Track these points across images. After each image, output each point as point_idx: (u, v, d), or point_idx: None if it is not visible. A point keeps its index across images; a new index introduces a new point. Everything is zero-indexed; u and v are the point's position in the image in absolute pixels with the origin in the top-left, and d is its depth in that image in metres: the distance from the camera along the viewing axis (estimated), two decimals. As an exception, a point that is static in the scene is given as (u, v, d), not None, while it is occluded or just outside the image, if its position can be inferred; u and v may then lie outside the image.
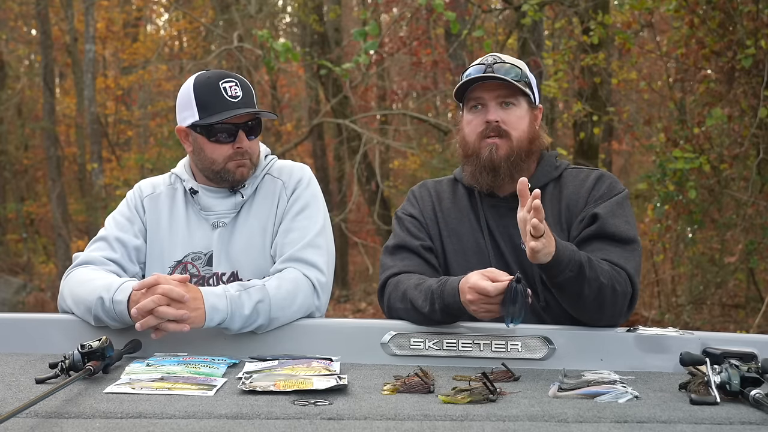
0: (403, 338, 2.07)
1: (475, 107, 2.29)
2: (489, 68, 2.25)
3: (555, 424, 1.52)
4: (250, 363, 1.96)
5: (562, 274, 2.00)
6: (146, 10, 18.64)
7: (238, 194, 2.36)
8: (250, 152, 2.32)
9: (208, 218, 2.36)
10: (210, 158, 2.32)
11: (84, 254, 2.33)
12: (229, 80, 2.29)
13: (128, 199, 2.44)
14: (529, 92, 2.28)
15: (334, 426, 1.49)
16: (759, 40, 6.21)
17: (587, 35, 7.90)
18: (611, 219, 2.19)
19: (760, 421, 1.52)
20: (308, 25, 12.24)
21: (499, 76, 2.23)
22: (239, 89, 2.28)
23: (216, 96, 2.27)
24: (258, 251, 2.32)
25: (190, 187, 2.38)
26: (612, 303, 2.08)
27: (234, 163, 2.30)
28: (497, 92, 2.26)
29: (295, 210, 2.34)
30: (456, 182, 2.42)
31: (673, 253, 8.24)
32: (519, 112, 2.27)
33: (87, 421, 1.51)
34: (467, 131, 2.31)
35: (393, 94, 13.92)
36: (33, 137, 17.12)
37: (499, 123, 2.24)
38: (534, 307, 2.21)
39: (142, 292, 2.03)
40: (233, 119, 2.27)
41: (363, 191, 11.61)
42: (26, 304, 12.96)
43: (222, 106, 2.26)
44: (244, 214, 2.36)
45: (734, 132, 6.90)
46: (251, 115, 2.30)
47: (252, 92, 2.34)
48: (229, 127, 2.28)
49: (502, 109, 2.26)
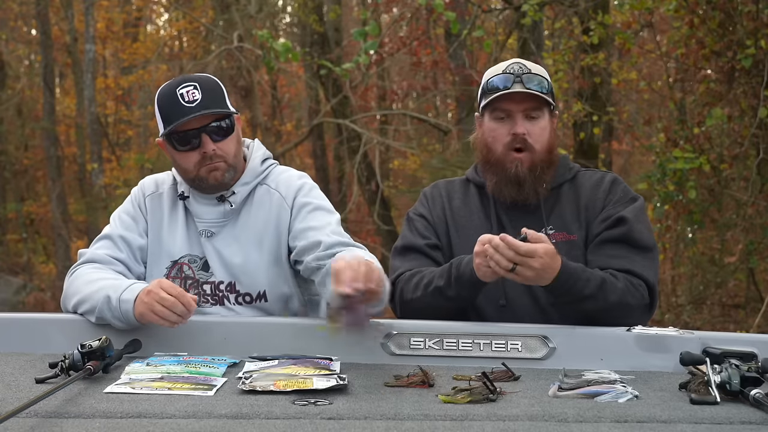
0: (403, 338, 2.07)
1: (501, 117, 2.28)
2: (517, 78, 2.24)
3: (555, 423, 1.52)
4: (250, 363, 1.96)
5: (561, 298, 2.11)
6: (146, 10, 18.65)
7: (227, 203, 2.30)
8: (221, 154, 2.23)
9: (198, 225, 2.33)
10: (183, 167, 2.27)
11: (89, 252, 2.31)
12: (187, 85, 2.21)
13: (132, 197, 2.41)
14: (552, 101, 2.30)
15: (334, 426, 1.49)
16: (759, 40, 6.21)
17: (587, 35, 7.90)
18: (637, 224, 2.23)
19: (760, 421, 1.52)
20: (308, 25, 12.23)
21: (529, 91, 2.22)
22: (198, 93, 2.19)
23: (173, 104, 2.20)
24: (255, 264, 2.29)
25: (181, 192, 2.34)
26: (623, 316, 2.12)
27: (205, 168, 2.23)
28: (525, 104, 2.26)
29: (304, 213, 2.29)
30: (468, 182, 2.44)
31: (673, 253, 8.24)
32: (543, 123, 2.28)
33: (87, 421, 1.51)
34: (491, 140, 2.31)
35: (393, 94, 13.93)
36: (33, 137, 17.11)
37: (525, 135, 2.25)
38: (539, 302, 2.23)
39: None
40: (192, 123, 2.19)
41: (363, 191, 11.60)
42: (26, 304, 12.97)
43: (179, 113, 2.18)
44: (236, 225, 2.32)
45: (734, 132, 6.89)
46: (213, 117, 2.21)
47: (216, 93, 2.25)
48: (192, 133, 2.20)
49: (528, 121, 2.26)
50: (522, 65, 2.28)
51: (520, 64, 2.28)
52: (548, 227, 2.29)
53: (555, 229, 2.30)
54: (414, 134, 13.39)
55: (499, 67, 2.32)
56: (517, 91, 2.23)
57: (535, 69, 2.29)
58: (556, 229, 2.30)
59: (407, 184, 13.97)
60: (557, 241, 2.25)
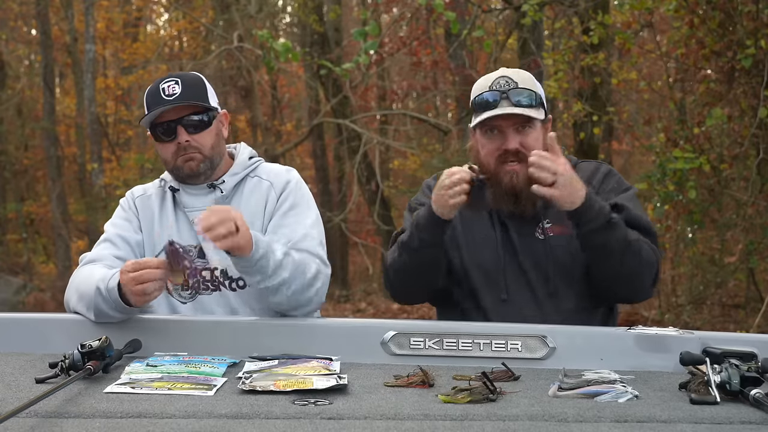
0: (403, 338, 2.07)
1: (491, 131, 2.29)
2: (503, 95, 2.24)
3: (555, 423, 1.52)
4: (250, 363, 1.96)
5: (590, 223, 2.13)
6: (146, 10, 18.65)
7: (217, 189, 2.39)
8: (196, 145, 2.34)
9: (189, 215, 2.39)
10: (163, 158, 2.41)
11: (90, 254, 2.38)
12: (169, 80, 2.34)
13: (122, 203, 2.52)
14: (543, 112, 2.29)
15: (334, 426, 1.49)
16: (759, 40, 6.21)
17: (587, 35, 7.90)
18: (633, 210, 2.27)
19: (760, 420, 1.52)
20: (308, 25, 12.24)
21: (516, 110, 2.22)
22: (178, 87, 2.31)
23: (154, 97, 2.34)
24: None
25: (170, 186, 2.43)
26: (638, 264, 2.16)
27: (181, 158, 2.35)
28: (513, 120, 2.26)
29: (285, 208, 2.37)
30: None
31: (673, 253, 8.24)
32: (535, 133, 2.28)
33: (87, 421, 1.51)
34: (483, 153, 2.31)
35: (393, 94, 13.93)
36: (33, 137, 17.11)
37: (519, 148, 2.25)
38: (538, 295, 2.24)
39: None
40: (169, 115, 2.32)
41: (363, 191, 11.61)
42: (26, 304, 12.97)
43: (157, 104, 2.32)
44: None
45: (734, 132, 6.90)
46: (190, 109, 2.33)
47: (196, 88, 2.36)
48: (169, 125, 2.33)
49: (519, 133, 2.26)
50: (508, 79, 2.26)
51: (507, 79, 2.26)
52: (545, 221, 2.32)
53: (552, 223, 2.31)
54: (414, 134, 13.39)
55: (486, 81, 2.30)
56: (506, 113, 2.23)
57: (522, 82, 2.27)
58: (554, 223, 2.30)
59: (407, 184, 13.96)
60: (555, 234, 2.27)
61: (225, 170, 2.44)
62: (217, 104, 2.44)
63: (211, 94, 2.41)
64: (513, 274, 2.30)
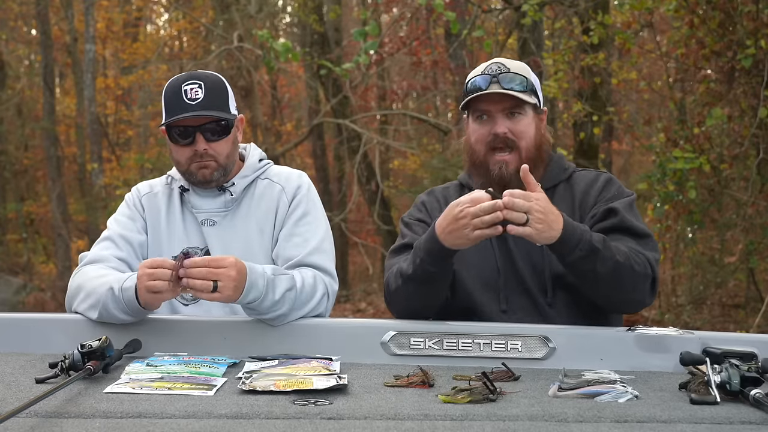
0: (403, 338, 2.07)
1: (481, 117, 2.26)
2: (494, 78, 2.22)
3: (555, 423, 1.51)
4: (250, 363, 1.96)
5: (572, 254, 2.03)
6: (146, 10, 18.65)
7: (227, 192, 2.37)
8: (213, 154, 2.31)
9: (198, 216, 2.38)
10: (176, 159, 2.36)
11: (91, 253, 2.34)
12: (192, 83, 2.28)
13: (127, 199, 2.47)
14: (535, 99, 2.27)
15: (334, 426, 1.49)
16: (759, 40, 6.20)
17: (587, 35, 7.90)
18: (627, 215, 2.20)
19: (760, 420, 1.52)
20: (308, 25, 12.24)
21: (506, 91, 2.20)
22: (201, 92, 2.27)
23: (176, 98, 2.27)
24: (257, 252, 2.33)
25: (181, 186, 2.40)
26: (631, 282, 2.08)
27: (195, 165, 2.31)
28: (503, 104, 2.23)
29: (297, 215, 2.35)
30: (462, 187, 2.41)
31: (673, 253, 8.24)
32: (526, 120, 2.25)
33: (87, 421, 1.51)
34: (473, 140, 2.29)
35: (393, 94, 13.92)
36: (33, 137, 17.11)
37: (507, 134, 2.22)
38: (538, 304, 2.22)
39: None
40: (187, 121, 2.27)
41: (363, 191, 11.61)
42: (26, 304, 12.97)
43: (179, 109, 2.26)
44: (238, 214, 2.38)
45: (734, 132, 6.90)
46: (211, 117, 2.28)
47: (220, 95, 2.32)
48: (188, 130, 2.28)
49: (509, 119, 2.24)
50: (500, 65, 2.25)
51: (499, 64, 2.25)
52: None
53: None
54: (414, 134, 13.40)
55: (480, 68, 2.30)
56: (493, 92, 2.20)
57: (515, 68, 2.25)
58: None
59: (407, 184, 13.97)
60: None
61: (235, 172, 2.41)
62: (236, 108, 2.40)
63: (231, 100, 2.37)
64: (511, 284, 2.25)
